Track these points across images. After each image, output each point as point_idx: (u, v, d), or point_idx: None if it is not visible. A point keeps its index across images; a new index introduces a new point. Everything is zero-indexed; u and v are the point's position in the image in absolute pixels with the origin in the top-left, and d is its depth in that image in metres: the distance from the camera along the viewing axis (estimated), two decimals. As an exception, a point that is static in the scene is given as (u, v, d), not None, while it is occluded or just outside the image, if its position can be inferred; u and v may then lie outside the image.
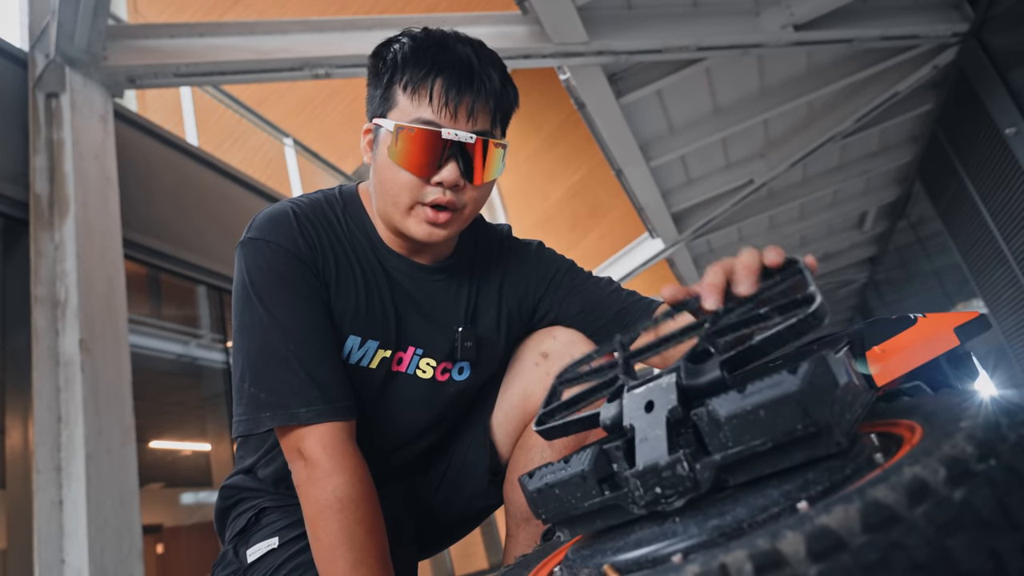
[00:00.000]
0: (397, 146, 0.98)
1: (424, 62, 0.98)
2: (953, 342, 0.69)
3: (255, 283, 1.01)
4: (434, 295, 1.14)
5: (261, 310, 1.00)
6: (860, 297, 10.41)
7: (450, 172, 0.99)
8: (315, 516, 0.96)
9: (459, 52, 1.00)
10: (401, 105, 1.00)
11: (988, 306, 5.36)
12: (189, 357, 4.02)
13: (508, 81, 1.06)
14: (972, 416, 0.43)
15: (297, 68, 3.02)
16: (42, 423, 2.33)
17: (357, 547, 0.94)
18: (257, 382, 0.99)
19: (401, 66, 1.00)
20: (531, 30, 3.34)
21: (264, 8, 5.99)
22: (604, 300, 1.20)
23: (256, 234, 1.04)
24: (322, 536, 0.95)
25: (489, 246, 1.23)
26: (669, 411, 0.53)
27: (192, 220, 3.79)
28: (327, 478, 0.95)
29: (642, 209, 5.24)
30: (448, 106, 0.98)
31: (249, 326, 1.01)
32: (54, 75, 2.75)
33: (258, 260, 1.02)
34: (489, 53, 1.05)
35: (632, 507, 0.53)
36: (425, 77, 0.98)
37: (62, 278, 2.52)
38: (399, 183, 1.00)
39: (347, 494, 0.95)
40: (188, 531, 4.39)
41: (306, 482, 0.97)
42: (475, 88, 0.99)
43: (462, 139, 0.98)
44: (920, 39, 4.08)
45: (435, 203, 1.00)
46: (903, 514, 0.36)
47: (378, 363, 1.10)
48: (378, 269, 1.10)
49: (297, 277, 1.02)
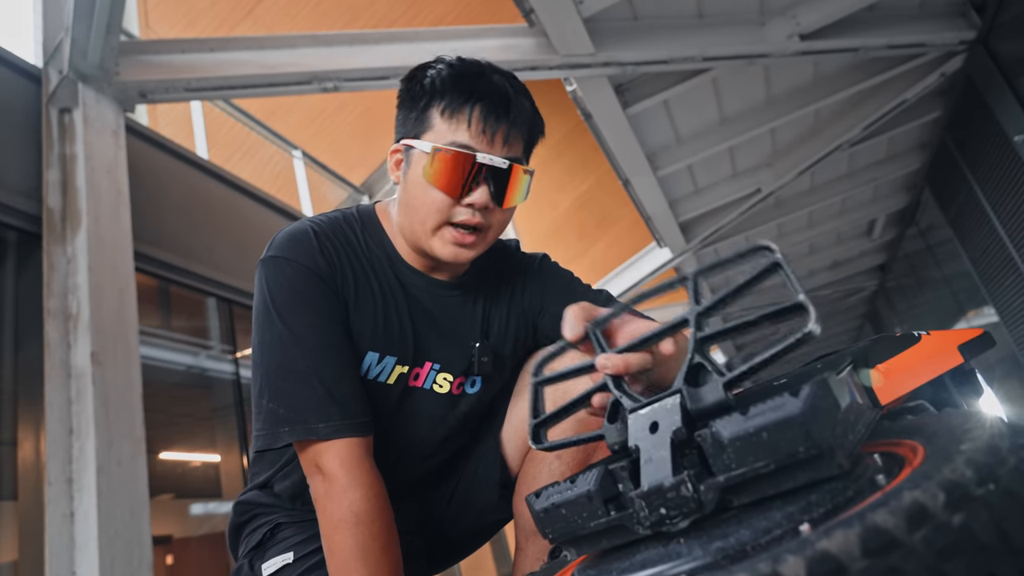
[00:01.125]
0: (433, 166, 1.01)
1: (463, 88, 1.03)
2: (957, 360, 0.69)
3: (275, 300, 1.03)
4: (451, 311, 1.17)
5: (281, 327, 1.02)
6: (870, 305, 10.35)
7: (481, 194, 1.02)
8: (331, 531, 0.97)
9: (496, 81, 1.05)
10: (437, 128, 1.04)
11: (999, 314, 5.32)
12: (199, 368, 4.04)
13: (537, 111, 1.11)
14: (973, 439, 0.44)
15: (306, 82, 3.05)
16: (54, 435, 2.36)
17: (372, 563, 0.95)
18: (276, 398, 1.01)
19: (440, 91, 1.04)
20: (538, 42, 3.36)
21: (273, 23, 6.05)
22: None
23: (277, 252, 1.06)
24: (337, 551, 0.96)
25: (500, 261, 1.26)
26: (673, 432, 0.53)
27: (202, 232, 3.83)
28: (344, 493, 0.97)
29: (649, 219, 5.25)
30: (486, 132, 1.02)
31: (269, 343, 1.03)
32: (67, 91, 2.79)
33: (279, 278, 1.04)
34: (521, 85, 1.10)
35: (637, 527, 0.53)
36: (464, 103, 1.02)
37: (74, 291, 2.55)
38: (430, 202, 1.04)
39: (363, 509, 0.96)
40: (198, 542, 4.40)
41: (323, 496, 0.98)
42: (511, 116, 1.04)
43: (496, 164, 1.02)
44: (927, 47, 4.08)
45: (464, 223, 1.04)
46: (902, 539, 0.37)
47: (395, 379, 1.12)
48: (396, 286, 1.13)
49: (317, 295, 1.04)
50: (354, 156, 7.15)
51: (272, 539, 1.17)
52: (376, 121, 7.04)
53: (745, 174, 5.24)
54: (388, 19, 6.43)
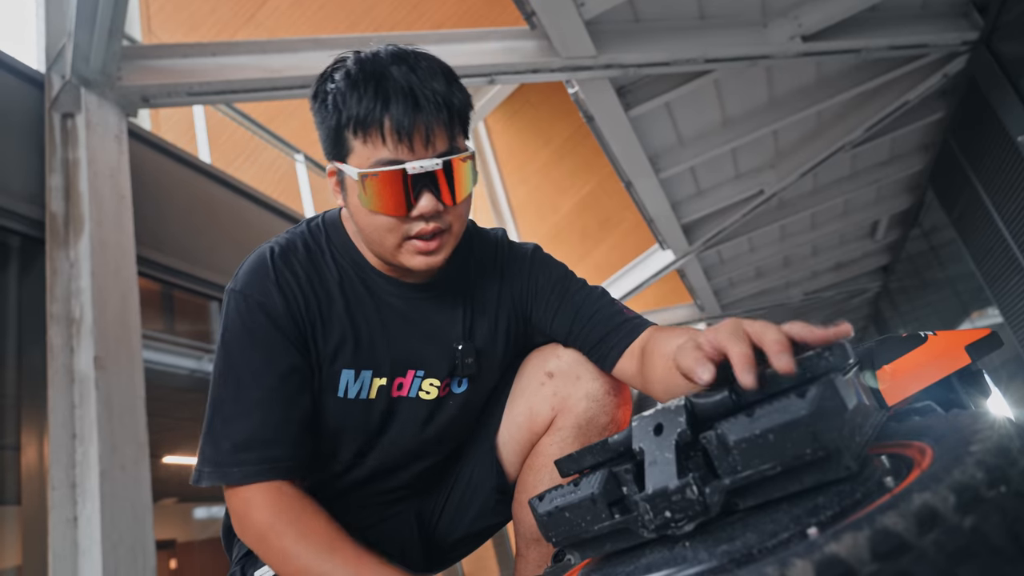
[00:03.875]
0: (367, 193, 0.96)
1: (365, 100, 0.95)
2: (964, 360, 0.68)
3: (226, 335, 1.04)
4: (429, 313, 1.13)
5: (223, 365, 1.04)
6: (873, 306, 10.33)
7: (427, 202, 0.97)
8: (263, 552, 0.99)
9: (397, 78, 0.95)
10: (356, 150, 0.97)
11: (1004, 315, 5.30)
12: (202, 372, 4.04)
13: (454, 83, 1.01)
14: (982, 440, 0.43)
15: (308, 85, 3.02)
16: (57, 440, 2.35)
17: (306, 538, 0.96)
18: (208, 434, 1.03)
19: (344, 109, 0.96)
20: (539, 45, 3.36)
21: (275, 28, 6.06)
22: (592, 316, 1.15)
23: (235, 284, 1.06)
24: (274, 561, 0.98)
25: (483, 253, 1.21)
26: (678, 434, 0.53)
27: (205, 237, 3.83)
28: (253, 527, 0.99)
29: (652, 221, 5.24)
30: (404, 141, 0.94)
31: (216, 376, 1.05)
32: (70, 96, 2.80)
33: (231, 314, 1.04)
34: (428, 62, 1.00)
35: (642, 531, 0.53)
36: (373, 119, 0.94)
37: (77, 296, 2.55)
38: (379, 227, 1.00)
39: (267, 520, 0.98)
40: (201, 546, 4.40)
41: (240, 532, 1.01)
42: (424, 112, 0.95)
43: (427, 168, 0.95)
44: (929, 48, 4.07)
45: (420, 234, 0.99)
46: (912, 542, 0.36)
47: (376, 392, 1.10)
48: (366, 297, 1.10)
49: (267, 335, 1.03)
50: (356, 160, 7.14)
51: None
52: (378, 125, 7.03)
53: (748, 176, 5.23)
54: (389, 23, 6.44)
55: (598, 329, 1.14)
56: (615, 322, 1.14)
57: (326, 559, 0.92)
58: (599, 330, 1.14)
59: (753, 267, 7.21)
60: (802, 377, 0.53)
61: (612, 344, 1.12)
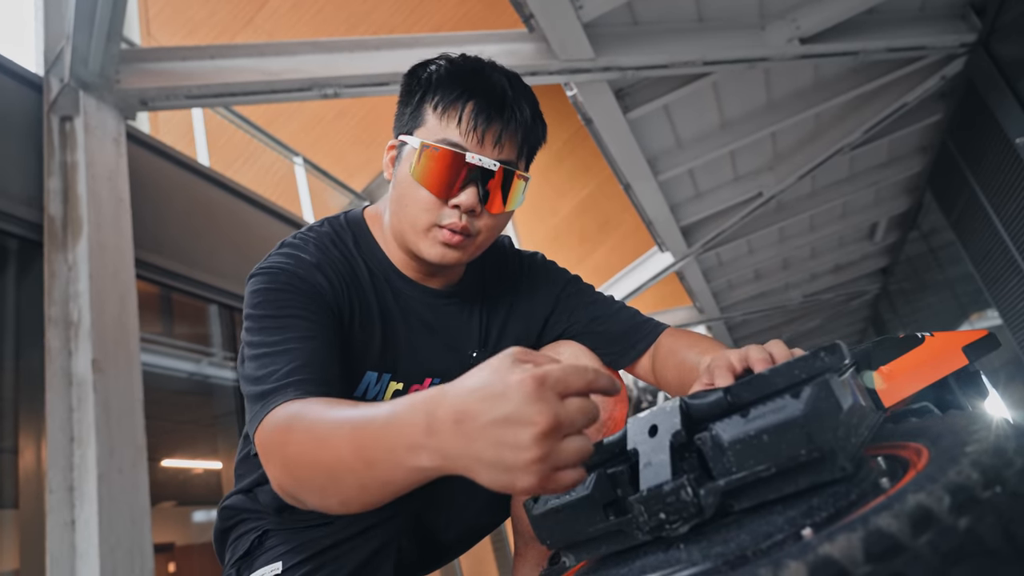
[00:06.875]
0: (420, 164, 0.98)
1: (457, 84, 0.99)
2: (962, 361, 0.68)
3: (268, 294, 0.96)
4: (448, 321, 1.14)
5: (255, 325, 0.94)
6: (872, 309, 10.32)
7: (468, 196, 0.98)
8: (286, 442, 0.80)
9: (494, 80, 1.01)
10: (429, 124, 1.00)
11: (1003, 317, 5.30)
12: (201, 375, 4.04)
13: (539, 116, 1.06)
14: (978, 441, 0.43)
15: (306, 88, 3.05)
16: (55, 443, 2.35)
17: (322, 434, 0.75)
18: (250, 378, 0.91)
19: (435, 86, 1.00)
20: (538, 47, 3.36)
21: (274, 30, 6.06)
22: (613, 315, 1.21)
23: (265, 263, 1.01)
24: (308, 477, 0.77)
25: (496, 264, 1.23)
26: (673, 435, 0.52)
27: (203, 239, 3.82)
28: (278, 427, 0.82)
29: (651, 223, 5.24)
30: (476, 131, 0.97)
31: (245, 347, 0.95)
32: (68, 99, 2.80)
33: (265, 283, 0.98)
34: (524, 87, 1.05)
35: (637, 532, 0.52)
36: (457, 99, 0.98)
37: (75, 298, 2.54)
38: (417, 201, 1.00)
39: (287, 423, 0.80)
40: (199, 549, 4.39)
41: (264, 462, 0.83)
42: (505, 117, 0.99)
43: (485, 165, 0.97)
44: (927, 50, 4.07)
45: (451, 226, 0.99)
46: (907, 543, 0.36)
47: (391, 396, 1.09)
48: (393, 300, 1.09)
49: (311, 295, 0.97)
50: (355, 162, 7.15)
51: (260, 548, 1.13)
52: (377, 127, 7.06)
53: (746, 178, 5.23)
54: (388, 25, 6.44)
55: (618, 326, 1.20)
56: (636, 320, 1.20)
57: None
58: (619, 327, 1.20)
59: (752, 269, 7.20)
60: (798, 378, 0.53)
61: (634, 341, 1.18)
